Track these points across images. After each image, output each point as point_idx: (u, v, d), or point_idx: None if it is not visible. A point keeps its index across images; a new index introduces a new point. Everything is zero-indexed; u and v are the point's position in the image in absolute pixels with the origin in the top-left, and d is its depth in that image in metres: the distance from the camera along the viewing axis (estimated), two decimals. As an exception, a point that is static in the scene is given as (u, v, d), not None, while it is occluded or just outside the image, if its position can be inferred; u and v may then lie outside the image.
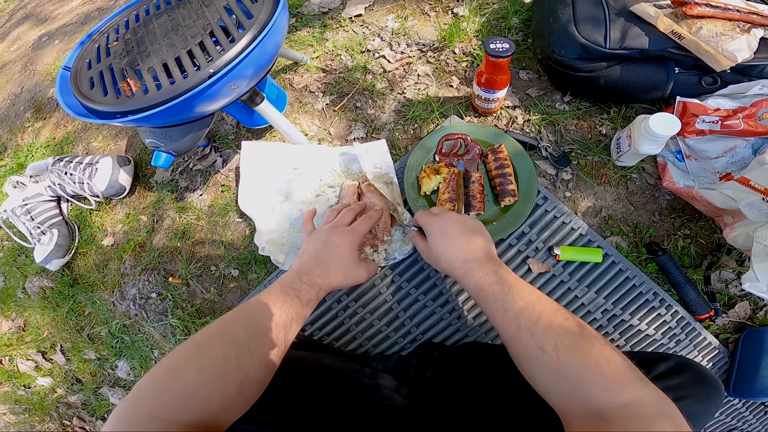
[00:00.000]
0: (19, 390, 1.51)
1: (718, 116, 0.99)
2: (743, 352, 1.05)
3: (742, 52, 0.94)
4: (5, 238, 1.50)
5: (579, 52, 1.05)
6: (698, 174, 1.05)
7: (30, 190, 1.29)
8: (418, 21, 1.35)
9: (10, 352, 1.49)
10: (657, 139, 0.94)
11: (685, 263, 1.06)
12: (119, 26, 0.94)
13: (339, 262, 0.83)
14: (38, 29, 2.13)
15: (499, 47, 0.94)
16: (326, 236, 0.86)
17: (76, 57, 0.95)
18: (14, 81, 1.92)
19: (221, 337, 0.63)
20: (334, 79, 1.29)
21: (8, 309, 1.50)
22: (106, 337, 1.31)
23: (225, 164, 1.24)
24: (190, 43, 0.83)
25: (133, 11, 0.96)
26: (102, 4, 1.98)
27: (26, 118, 1.66)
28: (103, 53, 0.91)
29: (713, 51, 0.95)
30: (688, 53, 0.99)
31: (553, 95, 1.20)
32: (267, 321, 0.67)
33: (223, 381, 0.57)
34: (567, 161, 1.10)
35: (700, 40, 0.96)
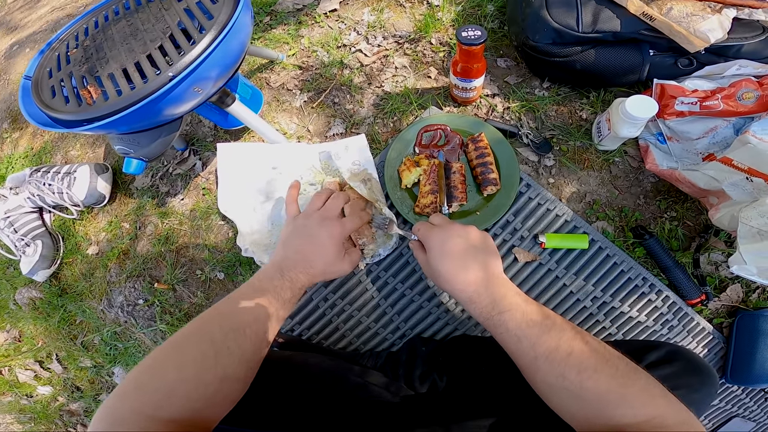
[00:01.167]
0: (22, 399, 1.49)
1: (696, 97, 0.95)
2: (738, 338, 1.00)
3: (714, 32, 0.89)
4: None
5: (553, 37, 1.00)
6: (681, 155, 1.00)
7: (11, 202, 1.23)
8: (393, 13, 1.29)
9: (8, 362, 1.47)
10: (635, 121, 0.89)
11: (673, 246, 1.01)
12: (78, 33, 0.88)
13: (324, 258, 0.78)
14: (8, 38, 2.05)
15: (471, 35, 0.88)
16: (313, 228, 0.80)
17: (36, 66, 0.88)
18: None
19: (199, 336, 0.61)
20: (311, 76, 1.22)
21: (2, 320, 1.47)
22: (99, 345, 1.28)
23: (205, 167, 1.18)
24: (149, 47, 0.77)
25: (93, 17, 0.90)
26: (71, 11, 1.91)
27: (3, 129, 1.60)
28: (63, 61, 0.84)
29: (685, 32, 0.90)
30: (661, 35, 0.94)
31: (531, 82, 1.14)
32: (244, 317, 0.65)
33: (203, 378, 0.56)
34: (548, 147, 1.04)
35: (671, 21, 0.90)
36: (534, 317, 0.64)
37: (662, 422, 0.53)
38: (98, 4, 0.93)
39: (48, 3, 2.08)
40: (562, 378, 0.58)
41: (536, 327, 0.63)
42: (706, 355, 1.04)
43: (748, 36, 0.93)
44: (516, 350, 0.64)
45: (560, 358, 0.59)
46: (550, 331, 0.62)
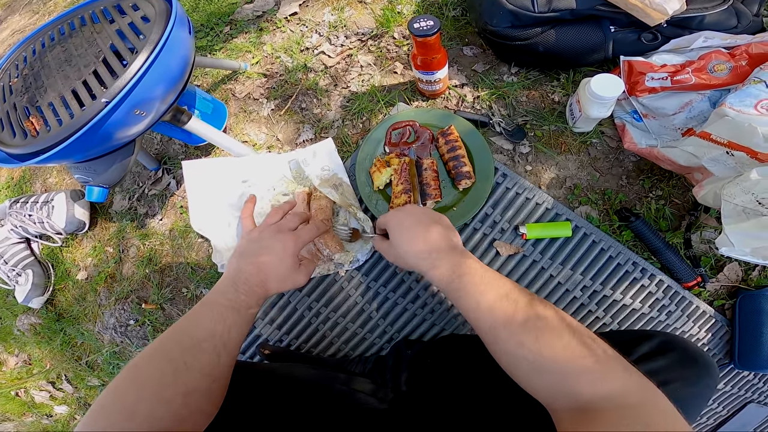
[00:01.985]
0: (43, 419, 1.48)
1: (666, 72, 0.89)
2: (742, 320, 0.92)
3: (671, 3, 0.83)
4: None
5: (510, 20, 0.94)
6: (659, 132, 0.92)
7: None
8: (354, 11, 1.22)
9: (23, 384, 1.46)
10: (603, 101, 0.83)
11: (662, 227, 0.93)
12: (18, 62, 0.83)
13: (278, 270, 0.74)
14: None
15: (423, 26, 0.82)
16: (267, 241, 0.76)
17: None
18: None
19: (156, 355, 0.60)
20: (277, 83, 1.17)
21: (10, 346, 1.47)
22: (102, 364, 1.25)
23: (179, 185, 1.14)
24: (83, 73, 0.72)
25: (30, 45, 0.85)
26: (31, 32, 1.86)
27: None
28: (6, 92, 0.80)
29: (641, 4, 0.84)
30: (619, 10, 0.88)
31: (499, 68, 1.07)
32: (200, 333, 0.62)
33: (163, 395, 0.54)
34: (522, 134, 0.98)
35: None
36: (492, 282, 0.63)
37: (624, 400, 0.49)
38: (35, 31, 0.89)
39: (8, 26, 2.04)
40: (520, 346, 0.56)
41: (493, 291, 0.62)
42: (710, 340, 0.96)
43: (709, 6, 0.88)
44: (475, 315, 0.62)
45: (517, 325, 0.58)
46: (508, 297, 0.61)
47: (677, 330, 0.95)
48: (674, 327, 0.94)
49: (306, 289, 1.01)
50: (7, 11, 2.18)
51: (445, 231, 0.73)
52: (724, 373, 0.98)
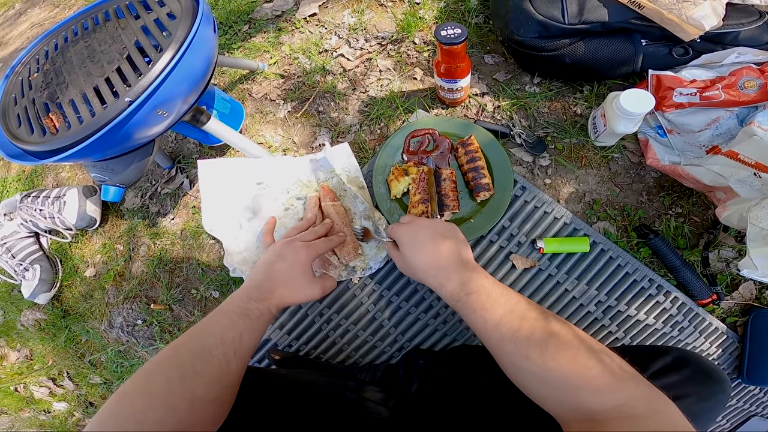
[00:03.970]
0: (40, 415, 1.48)
1: (695, 88, 0.87)
2: (753, 337, 0.93)
3: (708, 19, 0.81)
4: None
5: (538, 31, 0.92)
6: (683, 149, 0.92)
7: (6, 228, 1.21)
8: (375, 14, 1.21)
9: (23, 380, 1.46)
10: (631, 117, 0.82)
11: (680, 244, 0.92)
12: (39, 56, 0.82)
13: (289, 279, 0.76)
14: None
15: (450, 33, 0.81)
16: (279, 251, 0.79)
17: (2, 92, 0.83)
18: None
19: (167, 362, 0.60)
20: (294, 85, 1.15)
21: (12, 341, 1.46)
22: (106, 363, 1.25)
23: (192, 185, 1.12)
24: (107, 70, 0.71)
25: (53, 39, 0.84)
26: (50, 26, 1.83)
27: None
28: (26, 87, 0.79)
29: (677, 19, 0.82)
30: (652, 23, 0.87)
31: (521, 78, 1.06)
32: (211, 340, 0.63)
33: (171, 402, 0.54)
34: (543, 146, 0.97)
35: (661, 8, 0.82)
36: (499, 298, 0.64)
37: (632, 411, 0.50)
38: (57, 25, 0.87)
39: (27, 19, 2.04)
40: (526, 359, 0.57)
41: (500, 308, 0.63)
42: (720, 355, 0.96)
43: (745, 22, 0.87)
44: (483, 332, 0.64)
45: (523, 339, 0.59)
46: (515, 312, 0.62)
47: (688, 345, 0.95)
48: (685, 342, 0.95)
49: None
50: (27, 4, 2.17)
51: (456, 246, 0.74)
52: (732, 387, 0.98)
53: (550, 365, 0.55)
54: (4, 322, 1.46)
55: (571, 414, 0.54)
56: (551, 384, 0.56)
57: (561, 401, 0.55)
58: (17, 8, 2.20)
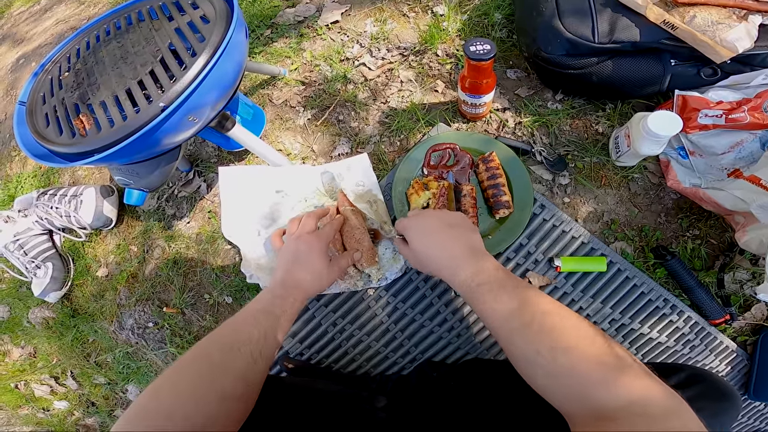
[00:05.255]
0: (39, 413, 1.48)
1: (721, 109, 0.87)
2: (762, 355, 0.94)
3: (742, 42, 0.82)
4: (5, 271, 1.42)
5: (567, 48, 0.93)
6: (704, 171, 0.93)
7: (20, 224, 1.20)
8: (397, 24, 1.22)
9: (24, 377, 1.46)
10: (658, 139, 0.82)
11: (696, 266, 0.93)
12: (70, 55, 0.83)
13: (309, 270, 0.79)
14: (15, 51, 2.02)
15: (479, 49, 0.82)
16: (293, 247, 0.82)
17: (30, 90, 0.83)
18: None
19: (197, 359, 0.62)
20: (315, 92, 1.16)
21: (17, 337, 1.46)
22: (112, 364, 1.25)
23: (209, 189, 1.13)
24: (140, 73, 0.71)
25: (84, 37, 0.84)
26: (75, 23, 1.87)
27: (12, 147, 1.57)
28: (55, 86, 0.79)
29: (710, 41, 0.83)
30: (683, 44, 0.87)
31: (543, 94, 1.07)
32: (239, 336, 0.65)
33: (200, 398, 0.56)
34: (563, 165, 0.97)
35: (694, 29, 0.83)
36: (510, 290, 0.63)
37: (644, 409, 0.48)
38: (90, 23, 0.88)
39: (53, 15, 2.05)
40: (536, 354, 0.56)
41: (513, 300, 0.62)
42: (729, 372, 0.98)
43: None
44: (493, 323, 0.63)
45: (534, 333, 0.58)
46: (527, 305, 0.60)
47: (698, 362, 0.97)
48: (695, 360, 0.97)
49: (332, 306, 1.00)
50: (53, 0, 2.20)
51: (465, 234, 0.74)
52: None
53: (561, 360, 0.54)
54: (10, 318, 1.46)
55: (581, 410, 0.53)
56: (562, 378, 0.54)
57: (572, 397, 0.54)
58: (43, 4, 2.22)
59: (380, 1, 1.26)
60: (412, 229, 0.77)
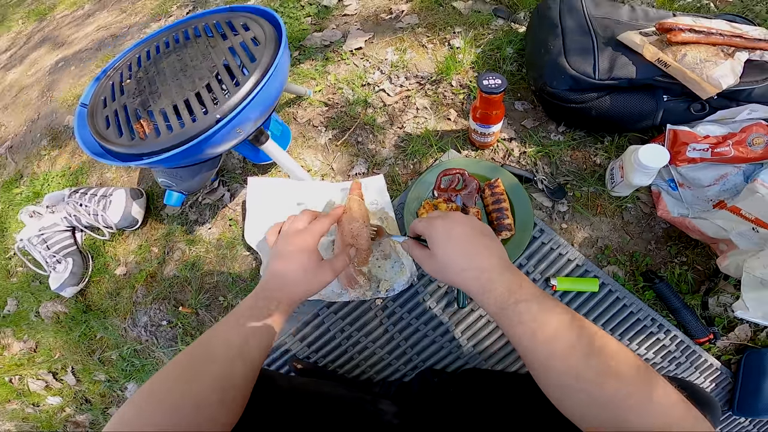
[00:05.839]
0: (28, 408, 1.53)
1: (708, 143, 0.99)
2: (745, 372, 1.05)
3: (726, 78, 0.94)
4: (20, 264, 1.53)
5: (570, 84, 1.07)
6: (692, 202, 1.06)
7: (46, 220, 1.33)
8: (416, 53, 1.38)
9: (20, 371, 1.52)
10: (647, 170, 0.95)
11: (683, 289, 1.06)
12: (132, 63, 0.97)
13: (294, 272, 0.76)
14: (55, 54, 2.16)
15: (491, 83, 0.96)
16: (280, 246, 0.79)
17: (92, 94, 0.96)
18: (31, 107, 1.96)
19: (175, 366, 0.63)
20: (336, 113, 1.31)
21: (21, 331, 1.53)
22: (116, 361, 1.34)
23: (232, 198, 1.27)
24: (197, 86, 0.85)
25: (145, 48, 0.99)
26: (115, 31, 2.03)
27: (42, 146, 1.69)
28: (117, 91, 0.93)
29: (698, 78, 0.95)
30: (675, 81, 1.00)
31: (547, 126, 1.22)
32: (215, 342, 0.66)
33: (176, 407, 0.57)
34: (563, 193, 1.12)
35: (684, 67, 0.96)
36: (552, 310, 0.60)
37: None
38: (150, 35, 1.02)
39: (94, 21, 2.20)
40: (577, 379, 0.55)
41: (553, 321, 0.59)
42: (713, 389, 1.08)
43: (759, 79, 0.98)
44: (529, 345, 0.59)
45: (577, 358, 0.56)
46: (570, 328, 0.58)
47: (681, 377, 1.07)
48: (681, 375, 1.07)
49: (341, 313, 1.12)
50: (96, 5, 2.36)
51: (497, 245, 0.71)
52: (722, 419, 1.10)
53: (606, 388, 0.53)
54: (16, 312, 1.54)
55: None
56: (601, 405, 0.54)
57: (605, 421, 0.54)
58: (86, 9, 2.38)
59: (401, 32, 1.42)
60: (437, 232, 0.72)
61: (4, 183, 1.72)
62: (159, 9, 2.09)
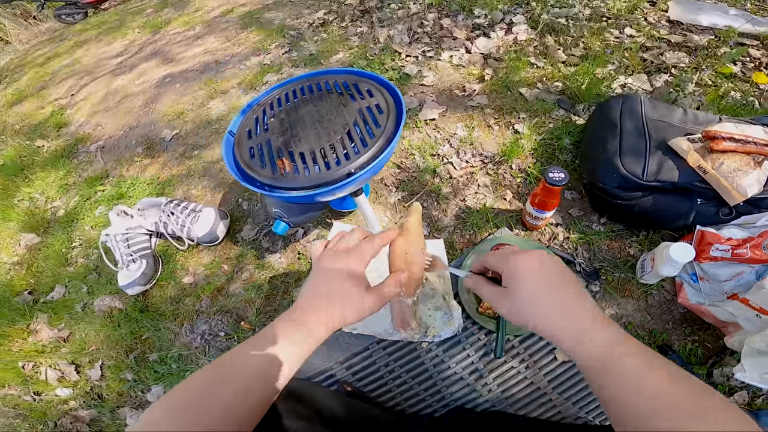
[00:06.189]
0: (26, 396, 1.60)
1: (729, 245, 1.15)
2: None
3: (752, 188, 1.12)
4: (82, 255, 1.75)
5: (620, 182, 1.27)
6: (709, 293, 1.24)
7: (134, 221, 1.57)
8: (482, 132, 1.66)
9: (39, 358, 1.64)
10: (675, 264, 1.14)
11: (692, 361, 1.23)
12: (273, 103, 1.19)
13: (340, 292, 0.71)
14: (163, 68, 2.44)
15: (556, 177, 1.18)
16: (324, 262, 0.75)
17: (239, 124, 1.17)
18: (133, 114, 2.24)
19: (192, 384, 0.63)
20: (407, 177, 1.57)
21: (58, 319, 1.70)
22: (153, 363, 1.50)
23: (304, 235, 1.52)
24: (332, 138, 1.03)
25: (283, 91, 1.21)
26: (219, 57, 2.34)
27: (137, 153, 1.93)
28: (261, 126, 1.14)
29: (729, 186, 1.13)
30: (709, 186, 1.17)
31: (591, 216, 1.48)
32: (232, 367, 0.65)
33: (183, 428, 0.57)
34: (597, 276, 1.37)
35: (720, 175, 1.13)
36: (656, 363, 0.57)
37: None
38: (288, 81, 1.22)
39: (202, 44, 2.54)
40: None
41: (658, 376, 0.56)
42: None
43: None
44: (631, 401, 0.56)
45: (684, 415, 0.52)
46: (676, 382, 0.55)
47: None
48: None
49: (389, 349, 1.31)
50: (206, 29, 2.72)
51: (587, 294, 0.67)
52: None
53: None
54: (61, 299, 1.71)
55: None
56: None
57: None
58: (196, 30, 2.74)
59: (471, 110, 1.73)
60: (523, 271, 0.67)
61: (88, 178, 1.97)
62: (259, 45, 2.44)
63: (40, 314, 1.72)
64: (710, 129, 1.21)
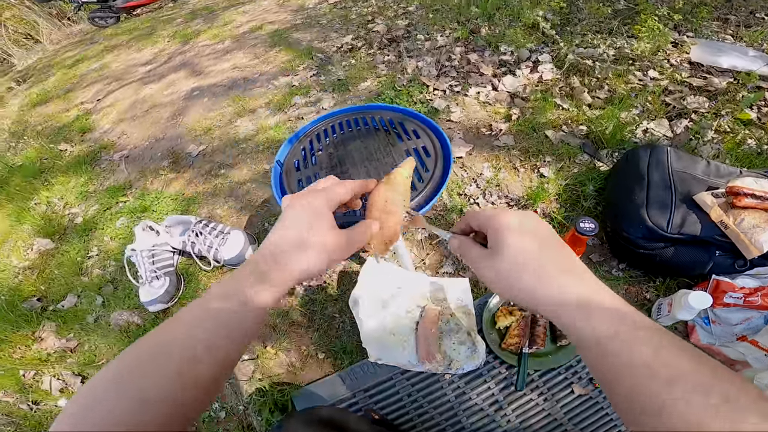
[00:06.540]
0: (23, 404, 1.63)
1: (742, 293, 1.30)
2: None
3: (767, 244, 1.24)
4: (98, 266, 1.84)
5: (644, 233, 1.40)
6: (720, 335, 1.39)
7: (161, 238, 1.69)
8: (508, 174, 1.80)
9: (41, 367, 1.68)
10: (692, 311, 1.26)
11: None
12: (320, 134, 1.31)
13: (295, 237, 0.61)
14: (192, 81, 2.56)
15: (587, 227, 1.30)
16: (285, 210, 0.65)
17: (287, 154, 1.28)
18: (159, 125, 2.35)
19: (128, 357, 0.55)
20: (435, 215, 1.71)
21: (67, 329, 1.76)
22: None
23: (328, 270, 1.66)
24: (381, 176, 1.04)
25: (329, 123, 1.33)
26: (248, 74, 2.48)
27: (162, 166, 2.02)
28: (308, 158, 1.24)
29: (747, 241, 1.25)
30: (728, 240, 1.30)
31: (610, 262, 1.64)
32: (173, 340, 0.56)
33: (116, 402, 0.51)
34: (615, 320, 1.54)
35: (740, 231, 1.26)
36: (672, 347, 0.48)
37: None
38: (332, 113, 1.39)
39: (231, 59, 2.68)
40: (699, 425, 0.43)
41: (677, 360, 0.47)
42: None
43: None
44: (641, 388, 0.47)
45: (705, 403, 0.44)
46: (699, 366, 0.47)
47: None
48: None
49: (412, 380, 1.47)
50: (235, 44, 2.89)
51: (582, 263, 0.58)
52: None
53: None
54: (72, 308, 1.77)
55: None
56: None
57: None
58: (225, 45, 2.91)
59: (498, 150, 1.88)
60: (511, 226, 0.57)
61: (110, 187, 2.08)
62: (288, 65, 2.59)
63: (47, 322, 1.79)
64: (734, 185, 1.34)
